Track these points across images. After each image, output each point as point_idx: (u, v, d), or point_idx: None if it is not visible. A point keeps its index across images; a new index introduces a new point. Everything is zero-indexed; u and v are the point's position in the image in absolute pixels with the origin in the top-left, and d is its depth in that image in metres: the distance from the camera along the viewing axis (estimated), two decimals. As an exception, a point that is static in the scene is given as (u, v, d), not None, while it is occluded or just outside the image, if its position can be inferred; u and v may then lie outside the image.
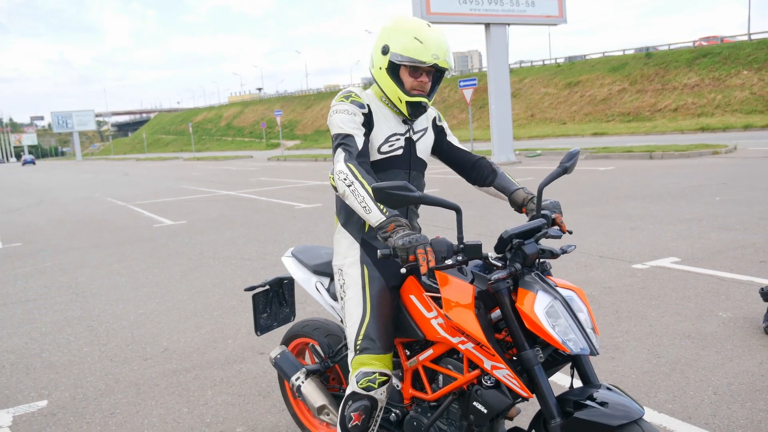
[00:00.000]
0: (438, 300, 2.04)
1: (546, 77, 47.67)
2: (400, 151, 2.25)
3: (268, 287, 2.91)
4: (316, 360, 2.78)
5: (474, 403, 1.95)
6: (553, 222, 2.13)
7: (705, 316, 4.22)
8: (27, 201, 18.68)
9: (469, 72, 69.16)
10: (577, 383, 1.92)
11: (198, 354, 4.21)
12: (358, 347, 2.16)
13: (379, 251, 1.85)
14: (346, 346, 2.62)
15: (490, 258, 1.95)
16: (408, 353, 2.29)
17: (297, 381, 2.63)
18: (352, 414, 2.16)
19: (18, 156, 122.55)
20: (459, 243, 1.84)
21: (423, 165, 2.36)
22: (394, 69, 2.15)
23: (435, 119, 2.44)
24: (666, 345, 3.78)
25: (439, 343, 2.09)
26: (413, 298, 2.14)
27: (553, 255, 1.93)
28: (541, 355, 1.84)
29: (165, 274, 6.73)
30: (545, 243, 2.15)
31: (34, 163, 79.22)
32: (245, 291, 2.87)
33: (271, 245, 7.93)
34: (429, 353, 2.13)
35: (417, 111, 2.20)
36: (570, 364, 1.94)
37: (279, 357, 2.76)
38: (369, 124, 2.18)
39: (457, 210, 1.83)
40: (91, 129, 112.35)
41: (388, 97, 2.21)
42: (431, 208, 8.47)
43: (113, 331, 4.82)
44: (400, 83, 2.15)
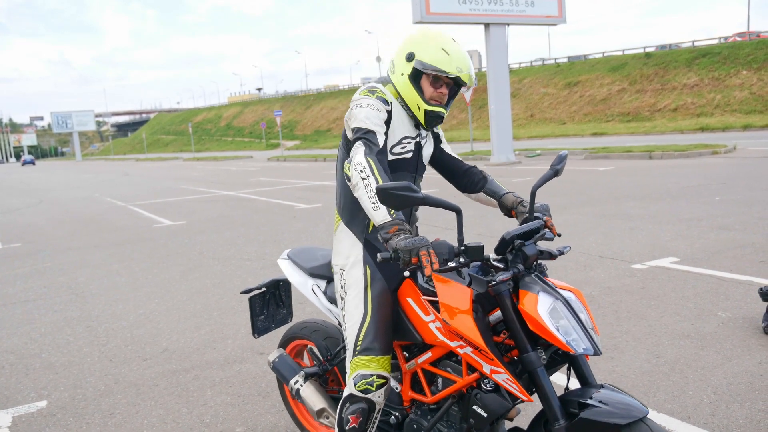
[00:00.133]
0: (435, 303, 2.03)
1: (545, 77, 47.68)
2: (409, 155, 2.26)
3: (264, 289, 2.90)
4: (314, 362, 2.77)
5: (474, 407, 1.94)
6: (544, 224, 2.13)
7: (704, 316, 4.22)
8: (26, 201, 18.68)
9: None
10: (574, 384, 1.92)
11: (197, 354, 4.21)
12: (357, 349, 2.15)
13: (379, 255, 1.84)
14: (344, 348, 2.61)
15: (490, 260, 1.94)
16: (406, 355, 2.28)
17: (296, 384, 2.62)
18: (349, 416, 2.15)
19: (17, 156, 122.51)
20: (460, 245, 1.84)
21: (424, 170, 2.40)
22: (416, 76, 2.17)
23: None
24: (665, 345, 3.78)
25: (438, 346, 2.08)
26: (411, 301, 2.13)
27: (552, 256, 1.93)
28: (544, 357, 1.83)
29: (164, 274, 6.73)
30: (541, 245, 2.15)
31: (33, 164, 79.19)
32: (242, 294, 2.86)
33: (271, 245, 7.93)
34: (428, 356, 2.13)
35: (433, 121, 2.22)
36: (567, 365, 1.94)
37: (277, 360, 2.75)
38: (388, 122, 2.19)
39: (458, 211, 1.82)
40: (91, 129, 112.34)
41: (405, 103, 2.23)
42: (430, 208, 8.44)
43: (113, 332, 4.82)
44: (420, 91, 2.18)
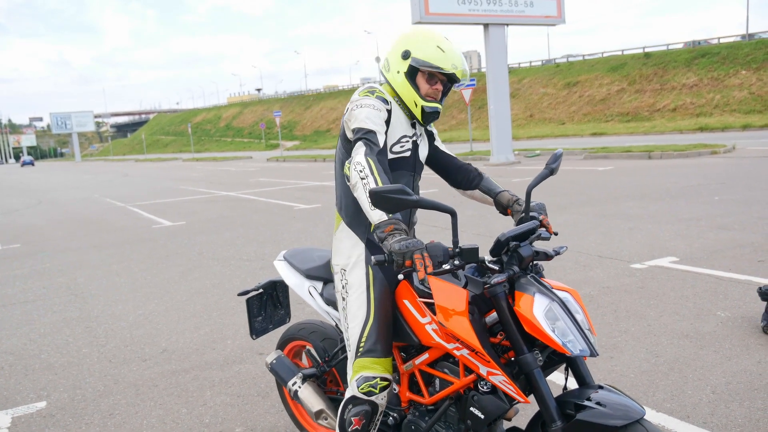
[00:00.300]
0: (431, 305, 2.02)
1: (545, 77, 47.69)
2: (408, 153, 2.27)
3: (261, 290, 2.90)
4: (312, 363, 2.77)
5: (471, 408, 1.94)
6: (540, 224, 2.13)
7: (703, 315, 4.22)
8: (26, 202, 18.68)
9: (469, 72, 69.11)
10: (572, 384, 1.92)
11: (197, 355, 4.21)
12: (360, 350, 2.14)
13: (373, 257, 1.82)
14: (342, 349, 2.61)
15: (486, 262, 1.94)
16: (404, 356, 2.27)
17: (294, 386, 2.62)
18: (352, 418, 2.14)
19: (17, 157, 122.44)
20: (455, 247, 1.83)
21: (422, 168, 2.40)
22: (412, 74, 2.19)
23: None
24: (664, 344, 3.78)
25: (435, 348, 2.07)
26: (407, 303, 2.12)
27: (548, 257, 1.92)
28: (540, 359, 1.83)
29: (164, 274, 6.73)
30: (537, 245, 2.14)
31: (32, 164, 79.13)
32: (239, 296, 2.86)
33: (270, 246, 7.93)
34: (425, 357, 2.12)
35: (430, 118, 2.23)
36: (564, 365, 1.94)
37: (275, 362, 2.75)
38: (388, 121, 2.20)
39: (452, 213, 1.81)
40: (90, 130, 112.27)
41: (402, 101, 2.25)
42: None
43: (112, 332, 4.82)
44: (416, 88, 2.20)
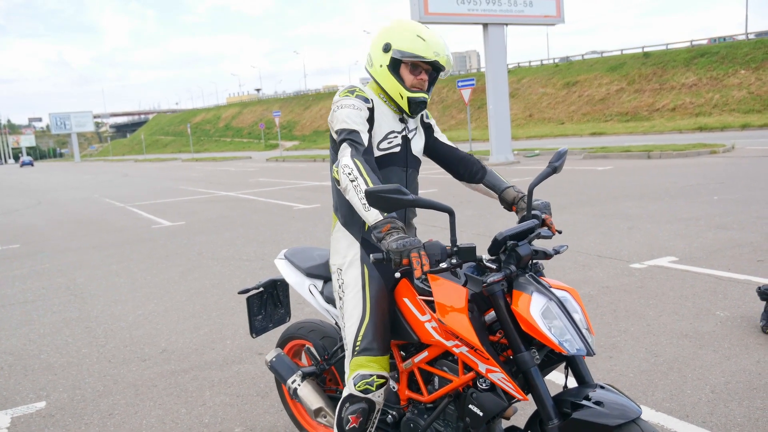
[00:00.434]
0: (431, 303, 2.03)
1: (544, 77, 47.69)
2: (397, 149, 2.26)
3: (262, 289, 2.91)
4: (311, 361, 2.78)
5: (469, 406, 1.95)
6: (543, 223, 2.12)
7: (702, 315, 4.23)
8: (25, 202, 18.67)
9: (468, 72, 69.18)
10: (572, 383, 1.92)
11: (196, 355, 4.21)
12: (356, 349, 2.15)
13: (372, 256, 1.85)
14: (342, 347, 2.61)
15: (484, 260, 1.94)
16: (403, 355, 2.28)
17: (293, 384, 2.62)
18: (349, 416, 2.15)
19: (16, 157, 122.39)
20: (453, 246, 1.84)
21: (418, 163, 2.38)
22: (395, 66, 2.19)
23: (422, 116, 2.45)
24: (664, 344, 3.79)
25: (434, 346, 2.08)
26: (407, 301, 2.13)
27: (547, 256, 1.92)
28: (537, 357, 1.84)
29: (163, 275, 6.73)
30: (537, 244, 2.12)
31: (32, 165, 79.08)
32: (239, 294, 2.86)
33: (270, 246, 7.93)
34: (424, 355, 2.13)
35: (418, 108, 2.22)
36: (564, 363, 1.94)
37: (274, 360, 2.75)
38: (371, 119, 2.20)
39: (450, 212, 1.82)
40: (90, 130, 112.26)
41: (387, 95, 2.24)
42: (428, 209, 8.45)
43: (111, 332, 4.82)
44: (401, 80, 2.19)
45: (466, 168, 2.45)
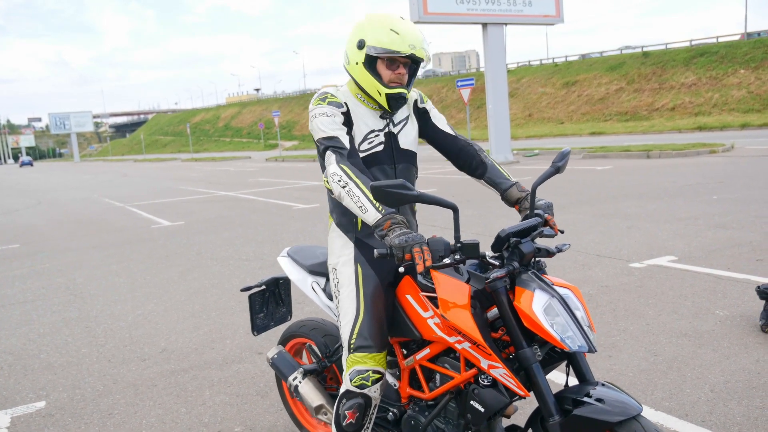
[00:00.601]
0: (434, 300, 2.04)
1: (543, 77, 47.72)
2: (380, 147, 2.23)
3: (264, 287, 2.92)
4: (313, 360, 2.78)
5: (471, 402, 1.95)
6: (546, 222, 2.12)
7: (702, 314, 4.23)
8: (25, 202, 18.66)
9: (467, 72, 69.19)
10: (573, 381, 1.92)
11: (196, 354, 4.21)
12: (351, 346, 2.17)
13: (376, 251, 1.85)
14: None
15: (487, 257, 1.95)
16: (405, 352, 2.29)
17: (294, 381, 2.63)
18: (346, 412, 2.16)
19: (16, 157, 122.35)
20: (456, 242, 1.85)
21: (409, 156, 2.31)
22: (371, 63, 2.15)
23: (416, 102, 2.38)
24: (663, 343, 3.79)
25: (436, 343, 2.09)
26: (409, 297, 2.14)
27: (549, 253, 1.93)
28: (539, 354, 1.84)
29: (163, 274, 6.73)
30: (540, 242, 2.11)
31: (31, 165, 79.07)
32: (241, 291, 2.87)
33: (269, 245, 7.94)
34: (426, 352, 2.14)
35: (397, 104, 2.19)
36: (566, 362, 1.95)
37: (276, 357, 2.76)
38: (348, 122, 2.18)
39: (454, 209, 1.83)
40: (89, 130, 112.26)
41: (365, 93, 2.20)
42: (429, 207, 8.48)
43: (111, 332, 4.82)
44: (378, 76, 2.15)
45: (465, 161, 2.37)
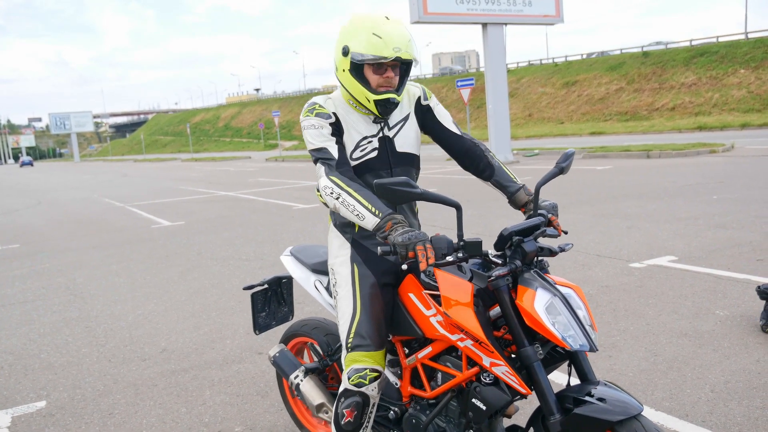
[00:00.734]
0: (437, 298, 2.05)
1: (543, 77, 47.72)
2: (374, 154, 2.19)
3: (266, 286, 2.92)
4: (314, 359, 2.79)
5: (473, 400, 1.96)
6: (549, 222, 2.12)
7: (702, 314, 4.23)
8: (25, 202, 18.67)
9: (467, 72, 69.18)
10: (574, 381, 1.93)
11: (196, 354, 4.21)
12: (349, 345, 2.18)
13: (380, 248, 1.86)
14: (342, 345, 2.63)
15: (489, 255, 1.96)
16: (407, 351, 2.30)
17: (296, 379, 2.63)
18: (344, 411, 2.17)
19: (16, 158, 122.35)
20: (459, 240, 1.85)
21: (408, 158, 2.26)
22: (357, 69, 2.09)
23: (419, 99, 2.30)
24: (663, 343, 3.79)
25: (438, 341, 2.10)
26: (412, 296, 2.15)
27: (552, 253, 1.94)
28: (541, 352, 1.85)
29: (163, 274, 6.73)
30: (543, 241, 2.10)
31: (32, 165, 79.07)
32: (244, 290, 2.88)
33: (269, 245, 7.94)
34: (428, 351, 2.14)
35: (388, 108, 2.14)
36: (567, 361, 1.95)
37: (278, 355, 2.77)
38: (339, 131, 2.15)
39: (458, 207, 1.84)
40: (89, 130, 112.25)
41: (355, 99, 2.15)
42: (430, 207, 8.48)
43: (111, 332, 4.82)
44: (365, 82, 2.10)
45: (472, 162, 2.32)
